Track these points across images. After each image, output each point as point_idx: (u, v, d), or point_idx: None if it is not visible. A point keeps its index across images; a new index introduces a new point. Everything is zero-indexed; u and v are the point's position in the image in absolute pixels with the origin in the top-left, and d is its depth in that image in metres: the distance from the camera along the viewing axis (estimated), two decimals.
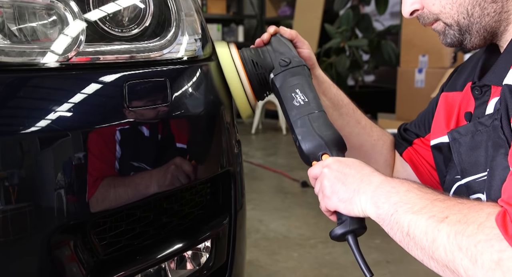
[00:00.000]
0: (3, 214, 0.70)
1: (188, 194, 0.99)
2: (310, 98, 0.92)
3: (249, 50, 1.01)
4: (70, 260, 0.79)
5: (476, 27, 0.85)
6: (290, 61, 0.96)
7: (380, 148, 1.11)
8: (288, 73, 0.95)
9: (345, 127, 1.08)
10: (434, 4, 0.87)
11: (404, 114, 3.90)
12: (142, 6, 0.87)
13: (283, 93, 0.94)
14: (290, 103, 0.92)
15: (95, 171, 0.79)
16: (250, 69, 0.98)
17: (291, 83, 0.94)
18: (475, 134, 0.84)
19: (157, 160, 0.86)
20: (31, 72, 0.75)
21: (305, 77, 0.95)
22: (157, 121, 0.85)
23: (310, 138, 0.88)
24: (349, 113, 1.08)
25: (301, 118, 0.90)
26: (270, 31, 1.04)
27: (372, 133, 1.11)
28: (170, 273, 0.94)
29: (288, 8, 6.31)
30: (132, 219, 0.90)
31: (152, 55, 0.87)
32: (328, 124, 0.90)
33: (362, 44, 4.37)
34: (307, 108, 0.91)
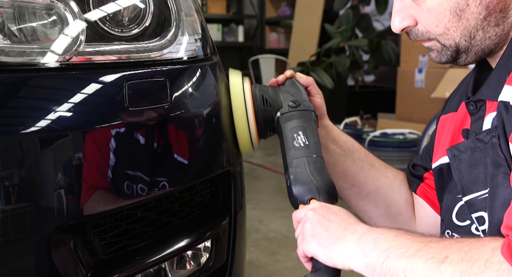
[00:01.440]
0: (3, 214, 0.70)
1: (188, 194, 0.99)
2: (311, 142, 0.90)
3: (261, 86, 1.01)
4: (70, 260, 0.79)
5: (475, 49, 0.83)
6: (299, 104, 0.95)
7: (398, 187, 1.07)
8: (295, 114, 0.94)
9: (360, 172, 1.05)
10: (437, 26, 0.83)
11: (404, 114, 3.90)
12: (142, 6, 0.87)
13: (285, 132, 0.93)
14: (291, 143, 0.91)
15: (95, 171, 0.79)
16: (259, 104, 0.98)
17: (295, 124, 0.93)
18: (474, 151, 0.83)
19: (156, 160, 0.86)
20: (31, 72, 0.75)
21: (310, 122, 0.93)
22: (157, 121, 0.85)
23: (302, 180, 0.85)
24: (361, 158, 1.05)
25: (297, 159, 0.88)
26: (286, 74, 1.03)
27: (387, 174, 1.08)
28: (170, 273, 0.94)
29: (288, 8, 6.30)
30: (132, 219, 0.90)
31: (152, 55, 0.87)
32: (323, 170, 0.87)
33: (362, 44, 4.37)
34: (306, 151, 0.89)
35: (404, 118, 3.88)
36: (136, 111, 0.82)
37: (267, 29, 6.60)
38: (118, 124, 0.80)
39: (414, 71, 3.82)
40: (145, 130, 0.84)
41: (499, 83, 0.80)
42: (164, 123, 0.87)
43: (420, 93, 3.76)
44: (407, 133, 3.40)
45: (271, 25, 6.63)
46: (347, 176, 1.05)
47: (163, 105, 0.86)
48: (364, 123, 4.07)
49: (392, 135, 3.38)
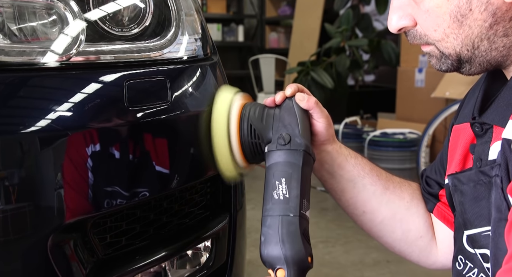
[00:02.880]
0: (3, 213, 0.70)
1: (188, 193, 0.99)
2: (292, 195, 0.79)
3: (254, 110, 0.87)
4: (70, 259, 0.79)
5: (480, 60, 0.74)
6: (289, 141, 0.82)
7: (416, 208, 0.95)
8: (281, 154, 0.82)
9: (372, 198, 0.93)
10: (436, 31, 0.74)
11: (404, 114, 3.90)
12: (142, 6, 0.87)
13: (268, 176, 0.82)
14: (270, 192, 0.80)
15: (96, 170, 0.79)
16: (245, 134, 0.86)
17: (279, 168, 0.81)
18: (477, 184, 0.75)
19: (156, 160, 0.86)
20: (31, 72, 0.75)
21: (297, 167, 0.81)
22: (157, 120, 0.85)
23: (272, 245, 0.76)
24: (373, 182, 0.93)
25: (272, 217, 0.78)
26: (286, 93, 0.88)
27: (403, 194, 0.95)
28: (170, 272, 0.94)
29: (288, 8, 6.30)
30: (132, 219, 0.90)
31: (152, 55, 0.87)
32: (297, 236, 0.77)
33: (362, 43, 4.37)
34: (283, 207, 0.78)
35: (404, 117, 3.88)
36: (136, 110, 0.82)
37: (267, 28, 6.60)
38: (118, 124, 0.80)
39: (414, 71, 3.82)
40: (145, 129, 0.84)
41: (508, 107, 0.72)
42: (164, 123, 0.87)
43: (420, 93, 3.76)
44: (407, 133, 3.40)
45: (271, 25, 6.63)
46: (357, 203, 0.94)
47: (163, 104, 0.86)
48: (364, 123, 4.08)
49: (392, 135, 3.38)
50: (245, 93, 0.92)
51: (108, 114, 0.80)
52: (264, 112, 0.87)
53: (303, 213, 0.79)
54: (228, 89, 0.91)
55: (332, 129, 0.92)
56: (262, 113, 0.87)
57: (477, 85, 0.86)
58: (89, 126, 0.78)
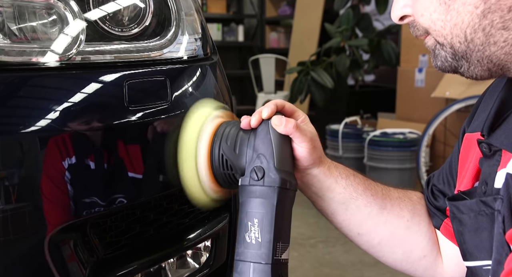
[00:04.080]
0: (3, 213, 0.70)
1: None
2: (265, 240, 0.73)
3: (227, 135, 0.80)
4: (70, 259, 0.79)
5: (477, 55, 0.65)
6: (263, 176, 0.75)
7: (418, 226, 0.87)
8: (254, 191, 0.75)
9: (367, 221, 0.85)
10: (422, 15, 0.67)
11: (404, 114, 3.90)
12: (142, 6, 0.87)
13: (241, 214, 0.76)
14: (243, 234, 0.75)
15: (96, 170, 0.79)
16: (217, 165, 0.80)
17: (251, 208, 0.75)
18: (478, 214, 0.69)
19: (157, 160, 0.86)
20: (31, 72, 0.75)
21: (271, 206, 0.74)
22: (157, 120, 0.85)
23: None
24: (368, 203, 0.84)
25: (243, 263, 0.73)
26: (263, 115, 0.78)
27: (403, 212, 0.86)
28: (170, 272, 0.94)
29: (288, 8, 6.30)
30: (132, 219, 0.90)
31: (152, 55, 0.87)
32: None
33: (362, 43, 4.37)
34: (255, 253, 0.73)
35: (404, 117, 3.88)
36: (136, 110, 0.82)
37: (267, 28, 6.60)
38: (118, 124, 0.80)
39: (414, 71, 3.82)
40: (145, 129, 0.84)
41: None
42: (164, 122, 0.87)
43: (420, 93, 3.76)
44: (407, 133, 3.40)
45: (271, 25, 6.63)
46: (350, 225, 0.86)
47: (163, 104, 0.86)
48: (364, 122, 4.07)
49: (392, 135, 3.38)
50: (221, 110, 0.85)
51: (108, 114, 0.80)
52: (237, 138, 0.79)
53: (277, 258, 0.73)
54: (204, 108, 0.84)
55: (318, 151, 0.82)
56: (235, 139, 0.79)
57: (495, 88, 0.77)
58: (89, 126, 0.78)
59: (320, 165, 0.82)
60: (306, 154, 0.80)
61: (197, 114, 0.82)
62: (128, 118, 0.81)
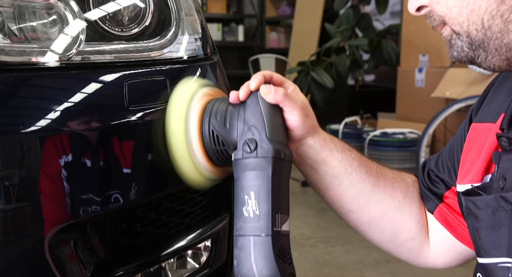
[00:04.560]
0: (3, 213, 0.70)
1: (189, 193, 0.99)
2: (263, 212, 0.71)
3: (216, 111, 0.78)
4: (70, 259, 0.79)
5: (495, 44, 0.63)
6: (255, 147, 0.73)
7: (408, 208, 0.86)
8: (248, 164, 0.73)
9: (359, 197, 0.84)
10: (438, 3, 0.66)
11: (404, 114, 3.90)
12: (142, 6, 0.87)
13: (236, 188, 0.74)
14: (240, 208, 0.73)
15: (96, 170, 0.79)
16: (208, 142, 0.78)
17: (247, 181, 0.73)
18: (496, 211, 0.66)
19: (157, 159, 0.86)
20: (31, 72, 0.75)
21: (267, 178, 0.72)
22: (157, 120, 0.85)
23: (245, 269, 0.70)
24: (362, 179, 0.83)
25: (243, 237, 0.71)
26: (251, 86, 0.77)
27: (395, 192, 0.85)
28: (170, 272, 0.94)
29: (288, 8, 6.30)
30: (132, 219, 0.90)
31: (152, 55, 0.87)
32: (271, 259, 0.70)
33: (362, 43, 4.37)
34: (254, 226, 0.71)
35: (404, 117, 3.88)
36: (136, 110, 0.82)
37: (267, 28, 6.60)
38: (118, 124, 0.80)
39: (414, 71, 3.82)
40: (145, 129, 0.84)
41: None
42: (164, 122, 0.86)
43: (420, 93, 3.76)
44: (407, 133, 3.40)
45: (271, 25, 6.63)
46: (342, 201, 0.85)
47: (164, 104, 0.86)
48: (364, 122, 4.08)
49: (392, 135, 3.38)
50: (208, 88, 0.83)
51: (108, 114, 0.80)
52: (227, 113, 0.78)
53: (277, 230, 0.71)
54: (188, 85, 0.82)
55: (311, 120, 0.80)
56: (225, 114, 0.78)
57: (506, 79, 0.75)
58: (89, 126, 0.77)
59: (315, 134, 0.81)
60: (299, 123, 0.78)
61: (182, 94, 0.80)
62: (128, 118, 0.81)
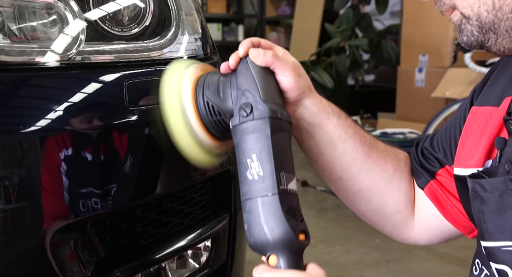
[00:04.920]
0: (3, 213, 0.70)
1: (188, 193, 0.99)
2: (267, 172, 0.70)
3: (208, 82, 0.78)
4: (70, 259, 0.79)
5: (506, 25, 0.63)
6: (251, 110, 0.73)
7: (398, 182, 0.86)
8: (246, 128, 0.72)
9: (352, 165, 0.84)
10: None
11: (404, 114, 3.90)
12: (142, 6, 0.87)
13: (238, 155, 0.74)
14: (244, 173, 0.72)
15: (96, 170, 0.79)
16: (205, 114, 0.77)
17: (247, 145, 0.72)
18: (504, 194, 0.66)
19: (157, 159, 0.86)
20: (31, 72, 0.75)
21: (266, 138, 0.71)
22: (157, 120, 0.85)
23: (256, 232, 0.69)
24: (355, 147, 0.83)
25: (250, 200, 0.70)
26: (239, 53, 0.77)
27: (387, 165, 0.86)
28: (170, 272, 0.94)
29: (288, 8, 6.30)
30: (132, 218, 0.90)
31: (152, 55, 0.87)
32: (280, 217, 0.68)
33: (362, 43, 4.37)
34: (259, 187, 0.70)
35: (404, 117, 3.88)
36: (136, 110, 0.82)
37: (267, 28, 6.60)
38: (118, 123, 0.80)
39: (414, 71, 3.82)
40: (145, 129, 0.84)
41: None
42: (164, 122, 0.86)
43: (420, 93, 3.76)
44: (407, 133, 3.40)
45: (271, 25, 6.63)
46: (334, 168, 0.84)
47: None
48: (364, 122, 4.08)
49: (392, 135, 3.38)
50: (199, 63, 0.83)
51: (108, 114, 0.80)
52: (219, 83, 0.78)
53: (283, 188, 0.70)
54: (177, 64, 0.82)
55: (305, 80, 0.79)
56: (218, 84, 0.78)
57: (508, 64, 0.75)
58: (89, 126, 0.77)
59: (311, 96, 0.80)
60: (292, 83, 0.77)
61: (173, 72, 0.80)
62: (128, 118, 0.81)
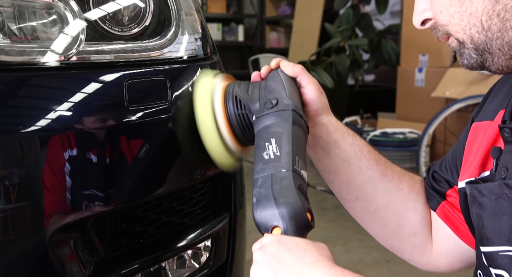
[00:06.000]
0: (3, 213, 0.70)
1: (188, 193, 0.99)
2: (284, 152, 0.72)
3: (239, 84, 0.85)
4: (70, 259, 0.79)
5: (497, 44, 0.66)
6: (276, 103, 0.78)
7: (413, 203, 0.87)
8: (270, 117, 0.76)
9: (367, 184, 0.86)
10: (441, 12, 0.69)
11: (404, 114, 3.90)
12: (142, 5, 0.87)
13: (257, 140, 0.76)
14: (260, 154, 0.73)
15: (95, 169, 0.79)
16: (231, 107, 0.81)
17: (268, 130, 0.75)
18: (500, 198, 0.67)
19: (157, 159, 0.86)
20: (31, 71, 0.75)
21: (287, 125, 0.75)
22: (157, 120, 0.85)
23: (264, 203, 0.67)
24: (371, 166, 0.86)
25: (263, 177, 0.70)
26: (271, 64, 0.86)
27: (402, 185, 0.87)
28: (170, 272, 0.94)
29: (288, 7, 6.30)
30: (132, 218, 0.90)
31: (152, 54, 0.87)
32: (292, 189, 0.68)
33: (362, 43, 4.37)
34: (274, 165, 0.71)
35: (404, 117, 3.88)
36: (136, 110, 0.82)
37: (267, 28, 6.59)
38: (118, 123, 0.80)
39: (414, 71, 3.82)
40: (145, 129, 0.84)
41: None
42: (164, 122, 0.86)
43: (420, 93, 3.76)
44: (407, 133, 3.40)
45: (271, 25, 6.63)
46: (351, 188, 0.87)
47: (163, 104, 0.86)
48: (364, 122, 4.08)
49: (392, 135, 3.38)
50: (227, 74, 0.89)
51: (108, 114, 0.80)
52: (249, 85, 0.84)
53: (296, 168, 0.71)
54: (209, 72, 0.90)
55: (325, 98, 0.85)
56: (248, 86, 0.84)
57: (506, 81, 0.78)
58: (89, 126, 0.77)
59: (328, 114, 0.86)
60: (315, 96, 0.83)
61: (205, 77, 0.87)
62: (128, 118, 0.81)
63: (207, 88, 0.84)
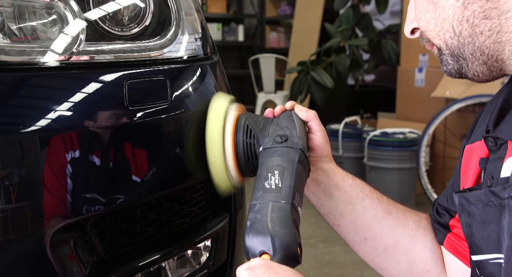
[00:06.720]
0: (3, 213, 0.70)
1: (188, 193, 0.99)
2: (285, 185, 0.73)
3: (252, 115, 0.87)
4: (70, 259, 0.79)
5: (469, 49, 0.68)
6: (286, 139, 0.80)
7: (422, 238, 0.87)
8: (277, 151, 0.79)
9: (373, 223, 0.87)
10: (421, 19, 0.72)
11: (404, 114, 3.90)
12: (142, 5, 0.87)
13: (260, 170, 0.77)
14: (261, 182, 0.74)
15: (95, 169, 0.79)
16: (241, 134, 0.84)
17: (273, 163, 0.77)
18: (486, 205, 0.68)
19: (157, 159, 0.86)
20: (31, 71, 0.75)
21: (293, 162, 0.77)
22: (157, 120, 0.85)
23: (258, 229, 0.68)
24: (374, 205, 0.87)
25: (261, 203, 0.71)
26: (286, 106, 0.89)
27: (407, 221, 0.88)
28: (170, 272, 0.94)
29: (288, 7, 6.30)
30: (132, 218, 0.90)
31: (152, 54, 0.87)
32: (288, 221, 0.69)
33: (362, 43, 4.36)
34: (274, 195, 0.72)
35: (404, 117, 3.88)
36: (136, 110, 0.82)
37: (267, 28, 6.59)
38: (118, 123, 0.80)
39: (414, 70, 3.82)
40: (145, 129, 0.84)
41: None
42: (164, 122, 0.87)
43: (420, 93, 3.76)
44: (407, 133, 3.40)
45: (271, 24, 6.62)
46: (357, 228, 0.87)
47: (163, 104, 0.86)
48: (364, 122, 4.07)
49: (392, 135, 3.37)
50: (240, 104, 0.91)
51: (108, 114, 0.80)
52: (262, 118, 0.87)
53: (295, 203, 0.72)
54: (225, 96, 0.91)
55: (329, 147, 0.88)
56: (260, 119, 0.87)
57: (495, 98, 0.79)
58: (89, 126, 0.77)
59: (330, 161, 0.88)
60: (321, 143, 0.86)
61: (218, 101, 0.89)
62: (128, 118, 0.81)
63: (221, 112, 0.86)
